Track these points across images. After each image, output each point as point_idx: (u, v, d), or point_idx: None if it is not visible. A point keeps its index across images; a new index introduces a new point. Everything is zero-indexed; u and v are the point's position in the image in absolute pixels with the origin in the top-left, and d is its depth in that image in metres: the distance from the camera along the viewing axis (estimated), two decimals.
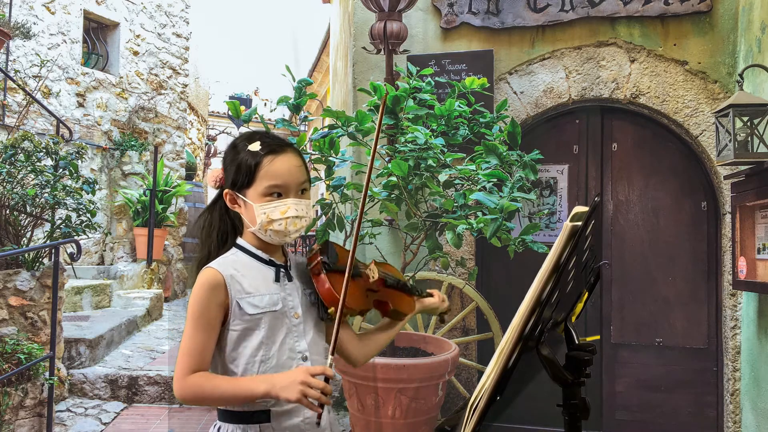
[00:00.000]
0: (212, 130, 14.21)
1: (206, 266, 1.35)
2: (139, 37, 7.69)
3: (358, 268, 1.44)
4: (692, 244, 3.78)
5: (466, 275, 3.74)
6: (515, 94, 3.94)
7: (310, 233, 3.35)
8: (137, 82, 7.64)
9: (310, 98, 3.19)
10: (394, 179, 2.91)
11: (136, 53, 7.65)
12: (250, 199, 1.35)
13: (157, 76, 7.94)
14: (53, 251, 3.62)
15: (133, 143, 7.18)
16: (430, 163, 2.92)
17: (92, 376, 4.17)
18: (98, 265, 6.85)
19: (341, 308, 1.32)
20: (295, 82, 3.09)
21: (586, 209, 1.02)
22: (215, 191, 1.46)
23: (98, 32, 7.42)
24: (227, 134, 14.38)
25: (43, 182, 3.84)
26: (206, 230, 1.44)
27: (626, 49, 3.81)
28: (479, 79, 3.30)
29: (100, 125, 7.12)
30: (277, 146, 1.37)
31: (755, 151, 2.84)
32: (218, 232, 1.43)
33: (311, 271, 1.39)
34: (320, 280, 1.37)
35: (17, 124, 5.97)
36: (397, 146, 2.97)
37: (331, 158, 3.08)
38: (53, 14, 6.60)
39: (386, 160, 3.15)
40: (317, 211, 4.74)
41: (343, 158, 3.10)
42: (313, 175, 2.68)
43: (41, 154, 3.95)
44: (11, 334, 3.42)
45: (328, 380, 1.25)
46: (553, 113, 3.97)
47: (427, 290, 1.65)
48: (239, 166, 1.36)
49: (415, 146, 2.88)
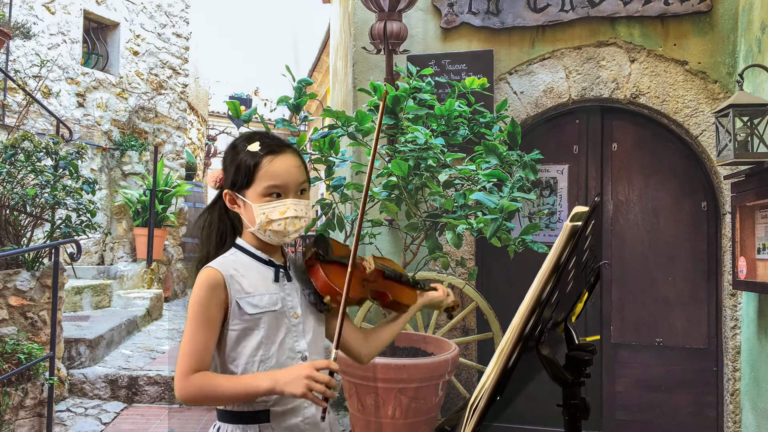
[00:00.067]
0: (212, 130, 14.20)
1: (206, 266, 1.35)
2: (139, 37, 7.69)
3: (354, 259, 1.44)
4: (692, 244, 3.78)
5: (466, 275, 3.74)
6: (515, 94, 3.94)
7: (309, 233, 3.34)
8: (137, 82, 7.64)
9: (310, 98, 3.19)
10: (394, 179, 2.91)
11: (136, 53, 7.65)
12: (249, 199, 1.35)
13: (157, 76, 7.94)
14: (53, 251, 3.63)
15: (133, 143, 7.17)
16: (430, 163, 2.92)
17: (92, 376, 4.17)
18: (98, 265, 6.85)
19: (345, 298, 1.32)
20: (295, 82, 3.09)
21: (586, 209, 1.02)
22: (215, 191, 1.46)
23: (98, 32, 7.42)
24: (227, 134, 14.37)
25: (43, 182, 3.84)
26: (206, 230, 1.44)
27: (626, 49, 3.81)
28: (479, 79, 3.30)
29: (100, 125, 7.12)
30: (276, 147, 1.37)
31: (755, 151, 2.84)
32: (218, 232, 1.43)
33: (306, 263, 1.39)
34: (315, 270, 1.38)
35: (17, 124, 5.97)
36: (397, 146, 2.97)
37: (331, 158, 3.08)
38: (53, 14, 6.60)
39: (386, 160, 3.14)
40: (317, 211, 4.74)
41: (343, 158, 3.10)
42: (313, 175, 2.67)
43: (41, 154, 3.95)
44: (11, 334, 3.42)
45: (332, 374, 1.25)
46: (553, 113, 3.97)
47: (430, 284, 1.65)
48: (238, 166, 1.36)
49: (415, 146, 2.88)
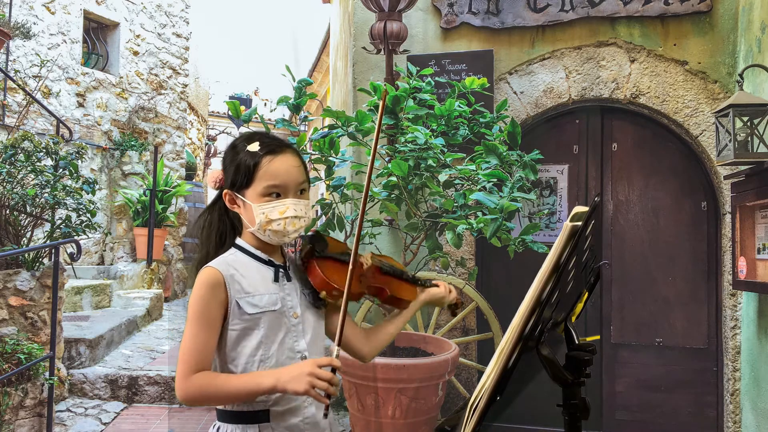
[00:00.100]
0: (212, 130, 14.20)
1: (206, 266, 1.35)
2: (139, 37, 7.68)
3: (355, 257, 1.44)
4: (692, 244, 3.78)
5: (466, 275, 3.74)
6: (515, 94, 3.94)
7: (309, 233, 3.34)
8: (137, 82, 7.64)
9: (310, 98, 3.19)
10: (394, 179, 2.91)
11: (136, 53, 7.65)
12: (249, 199, 1.35)
13: (157, 76, 7.94)
14: (53, 251, 3.63)
15: (133, 143, 7.17)
16: (430, 163, 2.92)
17: (92, 376, 4.17)
18: (98, 265, 6.85)
19: (347, 293, 1.32)
20: (295, 82, 3.09)
21: (586, 209, 1.02)
22: (215, 191, 1.46)
23: (98, 32, 7.42)
24: (227, 134, 14.36)
25: (43, 182, 3.84)
26: (206, 231, 1.44)
27: (626, 49, 3.80)
28: (479, 79, 3.30)
29: (100, 125, 7.12)
30: (275, 146, 1.37)
31: (755, 151, 2.84)
32: (217, 232, 1.43)
33: (302, 259, 1.39)
34: (310, 265, 1.38)
35: (17, 124, 5.97)
36: (397, 146, 2.97)
37: (331, 158, 3.08)
38: (53, 14, 6.60)
39: (386, 160, 3.14)
40: (317, 211, 4.74)
41: (343, 158, 3.10)
42: (313, 175, 2.67)
43: (41, 154, 3.95)
44: (11, 334, 3.42)
45: (335, 371, 1.25)
46: (553, 113, 3.97)
47: (432, 281, 1.64)
48: (238, 166, 1.36)
49: (415, 146, 2.87)
